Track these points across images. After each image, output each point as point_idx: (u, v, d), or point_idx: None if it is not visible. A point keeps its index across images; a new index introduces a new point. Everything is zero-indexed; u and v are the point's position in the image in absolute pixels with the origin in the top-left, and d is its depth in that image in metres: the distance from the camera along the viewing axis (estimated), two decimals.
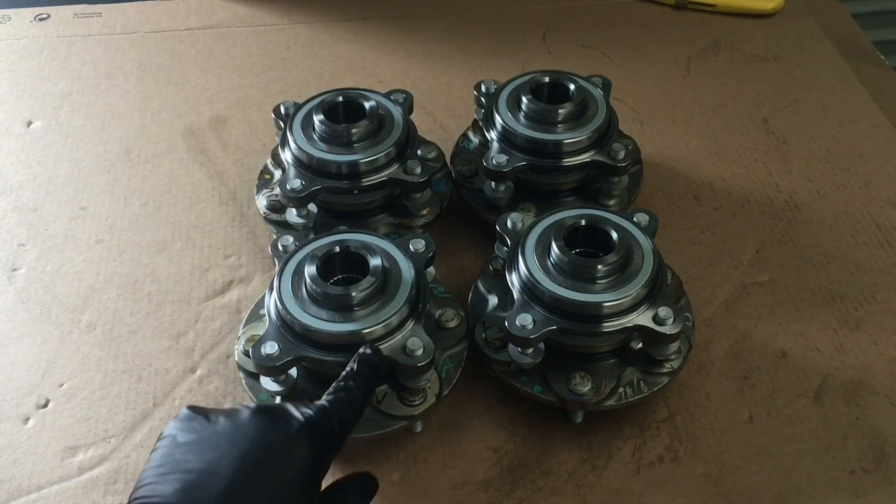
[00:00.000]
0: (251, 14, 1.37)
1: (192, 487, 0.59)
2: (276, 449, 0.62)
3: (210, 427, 0.64)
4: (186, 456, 0.61)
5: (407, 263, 0.82)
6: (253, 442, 0.62)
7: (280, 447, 0.63)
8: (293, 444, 0.63)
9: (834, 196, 1.09)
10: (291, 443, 0.63)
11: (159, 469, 0.61)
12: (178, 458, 0.61)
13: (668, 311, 0.79)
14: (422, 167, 0.95)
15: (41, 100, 1.22)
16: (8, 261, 1.01)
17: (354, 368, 0.72)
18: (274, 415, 0.65)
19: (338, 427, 0.67)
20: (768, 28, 1.35)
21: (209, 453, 0.61)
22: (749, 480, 0.81)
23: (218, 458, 0.61)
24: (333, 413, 0.67)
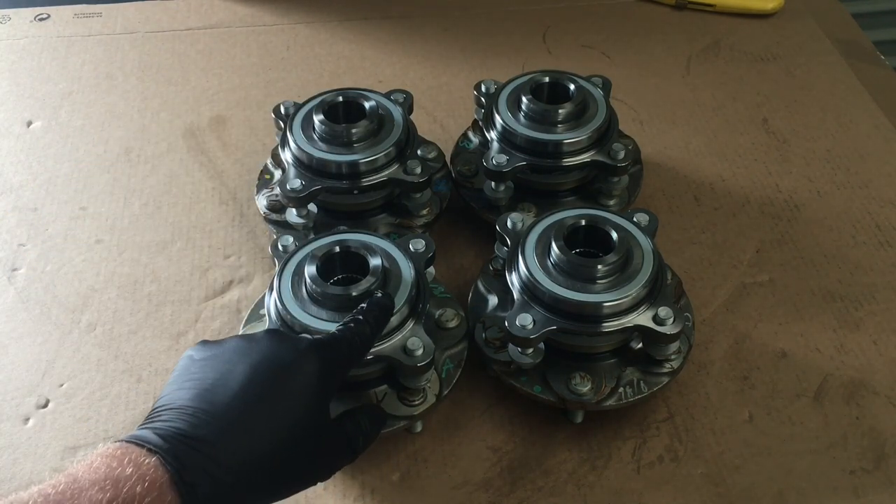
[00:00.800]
0: (251, 14, 1.37)
1: (207, 392, 0.63)
2: (285, 361, 0.66)
3: (223, 346, 0.68)
4: (203, 370, 0.65)
5: (407, 263, 0.82)
6: (264, 354, 0.66)
7: (290, 360, 0.66)
8: (302, 358, 0.67)
9: (834, 196, 1.09)
10: (300, 357, 0.67)
11: (176, 382, 0.65)
12: (194, 371, 0.65)
13: (668, 311, 0.79)
14: (422, 167, 0.95)
15: (41, 100, 1.22)
16: (8, 261, 1.01)
17: (365, 307, 0.75)
18: (284, 335, 0.70)
19: (346, 350, 0.71)
20: (768, 28, 1.35)
21: (223, 366, 0.65)
22: (749, 480, 0.81)
23: (231, 368, 0.65)
24: (343, 338, 0.71)
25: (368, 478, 0.82)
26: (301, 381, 0.66)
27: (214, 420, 0.61)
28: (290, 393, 0.65)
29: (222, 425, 0.61)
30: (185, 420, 0.61)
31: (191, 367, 0.66)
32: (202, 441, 0.60)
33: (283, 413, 0.64)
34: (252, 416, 0.63)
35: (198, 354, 0.67)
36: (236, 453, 0.61)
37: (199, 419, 0.61)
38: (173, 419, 0.61)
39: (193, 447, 0.60)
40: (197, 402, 0.62)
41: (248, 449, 0.62)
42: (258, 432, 0.62)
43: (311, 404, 0.66)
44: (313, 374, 0.67)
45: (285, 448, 0.64)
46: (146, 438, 0.60)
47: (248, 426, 0.62)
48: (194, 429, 0.61)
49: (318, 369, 0.67)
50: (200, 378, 0.64)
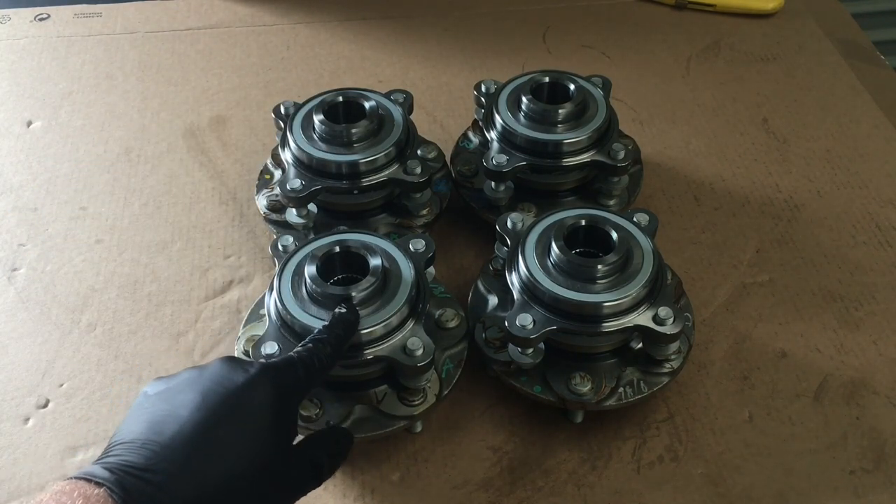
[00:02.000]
0: (251, 14, 1.37)
1: (156, 424, 0.62)
2: (235, 387, 0.65)
3: (176, 378, 0.67)
4: (154, 404, 0.65)
5: (407, 263, 0.82)
6: (213, 382, 0.65)
7: (240, 385, 0.65)
8: (253, 384, 0.65)
9: (834, 196, 1.09)
10: (251, 382, 0.65)
11: (129, 418, 0.65)
12: (147, 407, 0.65)
13: (668, 311, 0.79)
14: (422, 167, 0.95)
15: (41, 100, 1.22)
16: (8, 261, 1.01)
17: (327, 324, 0.74)
18: (235, 362, 0.68)
19: (303, 373, 0.69)
20: (768, 28, 1.35)
21: (174, 397, 0.65)
22: (749, 480, 0.81)
23: (181, 399, 0.64)
24: (298, 360, 0.70)
25: (368, 478, 0.82)
26: (254, 407, 0.64)
27: (163, 451, 0.60)
28: (242, 420, 0.64)
29: (171, 455, 0.60)
30: (133, 452, 0.60)
31: (144, 403, 0.65)
32: (150, 472, 0.59)
33: (235, 441, 0.63)
34: (202, 446, 0.61)
35: (151, 390, 0.66)
36: (186, 484, 0.60)
37: (147, 450, 0.60)
38: (123, 453, 0.61)
39: (141, 478, 0.59)
40: (146, 435, 0.61)
41: (199, 479, 0.60)
42: (209, 462, 0.61)
43: (266, 431, 0.64)
44: (266, 399, 0.65)
45: (240, 477, 0.62)
46: (95, 473, 0.59)
47: (198, 456, 0.61)
48: (143, 460, 0.60)
49: (270, 394, 0.65)
50: (151, 412, 0.63)
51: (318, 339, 0.72)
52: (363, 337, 0.77)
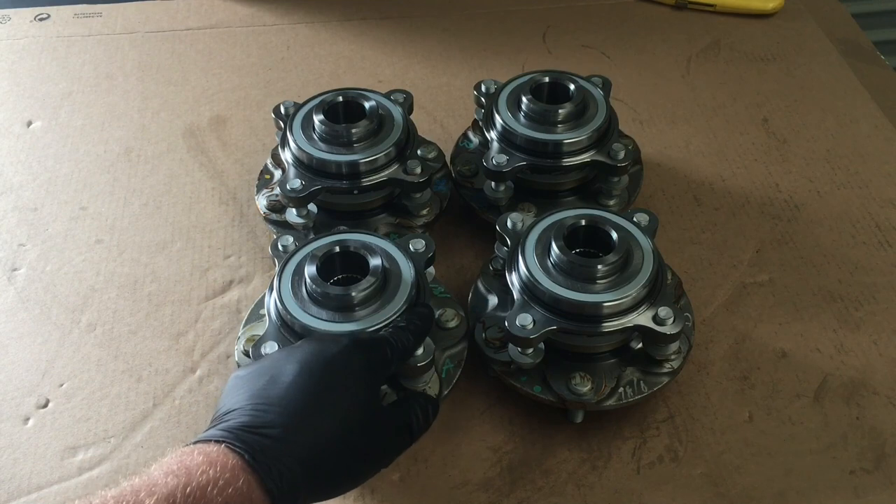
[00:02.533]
0: (251, 14, 1.37)
1: (261, 392, 0.65)
2: (330, 354, 0.68)
3: (266, 359, 0.70)
4: (251, 380, 0.67)
5: (407, 263, 0.82)
6: (308, 352, 0.68)
7: (335, 353, 0.68)
8: (347, 351, 0.69)
9: (834, 196, 1.09)
10: (345, 350, 0.69)
11: (228, 395, 0.67)
12: (243, 384, 0.67)
13: (668, 311, 0.79)
14: (422, 167, 0.95)
15: (41, 100, 1.22)
16: (8, 261, 1.01)
17: (407, 316, 0.77)
18: (324, 336, 0.72)
19: (387, 350, 0.72)
20: (768, 28, 1.35)
21: (270, 371, 0.67)
22: (749, 480, 0.81)
23: (279, 370, 0.67)
24: (384, 339, 0.73)
25: None
26: (350, 371, 0.68)
27: (274, 409, 0.63)
28: (341, 383, 0.67)
29: (282, 414, 0.63)
30: (245, 416, 0.63)
31: (238, 383, 0.67)
32: (267, 427, 0.62)
33: (338, 400, 0.66)
34: (309, 404, 0.64)
35: (242, 372, 0.69)
36: (301, 437, 0.62)
37: (258, 411, 0.63)
38: (233, 418, 0.63)
39: (259, 434, 0.61)
40: (254, 401, 0.64)
41: (312, 433, 0.63)
42: (318, 418, 0.64)
43: (363, 392, 0.68)
44: (360, 364, 0.69)
45: (346, 432, 0.65)
46: (211, 436, 0.61)
47: (307, 413, 0.64)
48: (256, 419, 0.62)
49: (363, 360, 0.69)
50: (251, 385, 0.66)
51: (399, 327, 0.75)
52: None
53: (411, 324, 0.76)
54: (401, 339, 0.74)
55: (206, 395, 0.88)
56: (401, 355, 0.74)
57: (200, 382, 0.89)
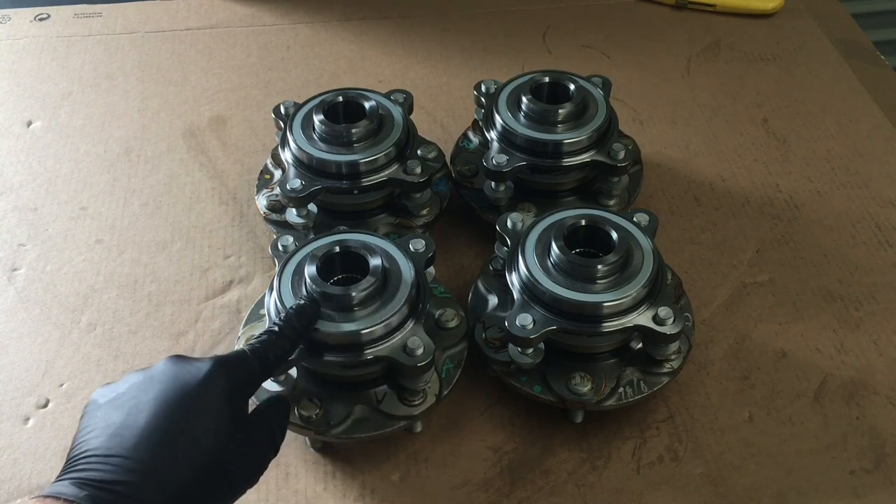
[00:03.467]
0: (251, 14, 1.37)
1: (116, 436, 0.62)
2: (189, 386, 0.65)
3: (125, 383, 0.67)
4: (107, 413, 0.64)
5: (407, 263, 0.82)
6: (166, 385, 0.65)
7: (194, 384, 0.65)
8: (206, 381, 0.66)
9: (834, 196, 1.09)
10: (204, 380, 0.66)
11: (85, 430, 0.64)
12: (100, 417, 0.64)
13: (668, 311, 0.79)
14: (422, 167, 0.95)
15: (41, 100, 1.22)
16: (8, 261, 1.01)
17: (284, 316, 0.75)
18: (184, 360, 0.68)
19: (256, 365, 0.70)
20: (768, 28, 1.35)
21: (127, 404, 0.64)
22: (749, 480, 0.81)
23: (135, 405, 0.64)
24: (253, 354, 0.70)
25: (368, 478, 0.82)
26: (209, 403, 0.65)
27: (128, 462, 0.61)
28: (199, 417, 0.64)
29: (137, 466, 0.60)
30: (99, 468, 0.60)
31: (97, 413, 0.65)
32: (121, 484, 0.60)
33: (194, 438, 0.63)
34: (163, 450, 0.62)
35: (102, 398, 0.66)
36: (154, 489, 0.60)
37: (113, 464, 0.60)
38: (88, 468, 0.61)
39: (111, 491, 0.59)
40: (108, 448, 0.61)
41: (166, 481, 0.61)
42: (173, 463, 0.62)
43: (223, 422, 0.65)
44: (220, 393, 0.66)
45: (204, 469, 0.63)
46: (64, 492, 0.59)
47: (162, 460, 0.61)
48: (110, 475, 0.60)
49: (225, 388, 0.66)
50: (107, 422, 0.63)
51: (273, 332, 0.73)
52: (363, 337, 0.77)
53: (289, 326, 0.73)
54: (272, 347, 0.72)
55: None
56: (274, 364, 0.72)
57: None
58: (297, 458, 0.83)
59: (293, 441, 0.84)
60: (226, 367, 0.67)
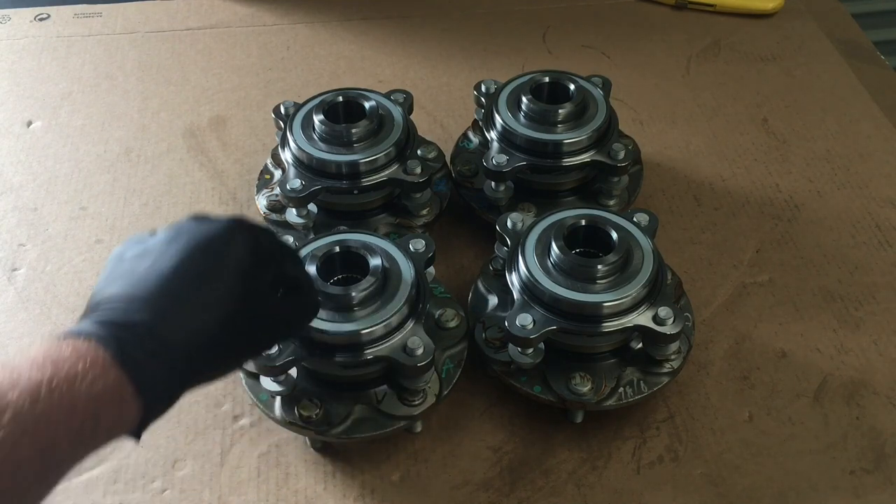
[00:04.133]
0: (251, 14, 1.37)
1: (139, 282, 0.62)
2: (214, 237, 0.66)
3: (152, 238, 0.66)
4: (132, 263, 0.64)
5: (407, 263, 0.82)
6: (191, 236, 0.65)
7: (218, 235, 0.66)
8: (231, 232, 0.66)
9: (834, 196, 1.09)
10: (229, 231, 0.66)
11: (106, 280, 0.64)
12: (124, 268, 0.64)
13: (668, 311, 0.79)
14: (422, 167, 0.95)
15: (41, 100, 1.22)
16: (8, 261, 1.01)
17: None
18: (208, 217, 0.69)
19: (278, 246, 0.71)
20: (768, 28, 1.35)
21: (152, 255, 0.64)
22: (749, 480, 0.81)
23: (159, 255, 0.64)
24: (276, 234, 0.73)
25: (368, 478, 0.82)
26: (233, 253, 0.65)
27: (149, 305, 0.60)
28: (222, 273, 0.64)
29: (157, 307, 0.60)
30: (122, 309, 0.60)
31: (120, 265, 0.65)
32: (139, 325, 0.59)
33: (218, 295, 0.63)
34: (186, 298, 0.62)
35: (128, 252, 0.65)
36: (179, 330, 0.60)
37: (133, 306, 0.60)
38: (108, 309, 0.60)
39: (132, 331, 0.58)
40: (131, 291, 0.61)
41: (191, 326, 0.61)
42: (194, 313, 0.61)
43: (243, 283, 0.65)
44: (244, 245, 0.66)
45: (222, 326, 0.63)
46: (86, 329, 0.58)
47: (184, 307, 0.61)
48: (129, 315, 0.59)
49: (248, 241, 0.66)
50: (130, 270, 0.63)
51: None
52: (363, 337, 0.77)
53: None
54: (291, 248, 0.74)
55: (206, 394, 0.88)
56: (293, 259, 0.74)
57: None
58: (297, 458, 0.83)
59: (293, 441, 0.84)
60: (248, 227, 0.68)
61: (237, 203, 1.07)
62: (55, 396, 0.53)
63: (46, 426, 0.52)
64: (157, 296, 0.61)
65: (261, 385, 0.81)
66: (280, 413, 0.80)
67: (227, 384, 0.89)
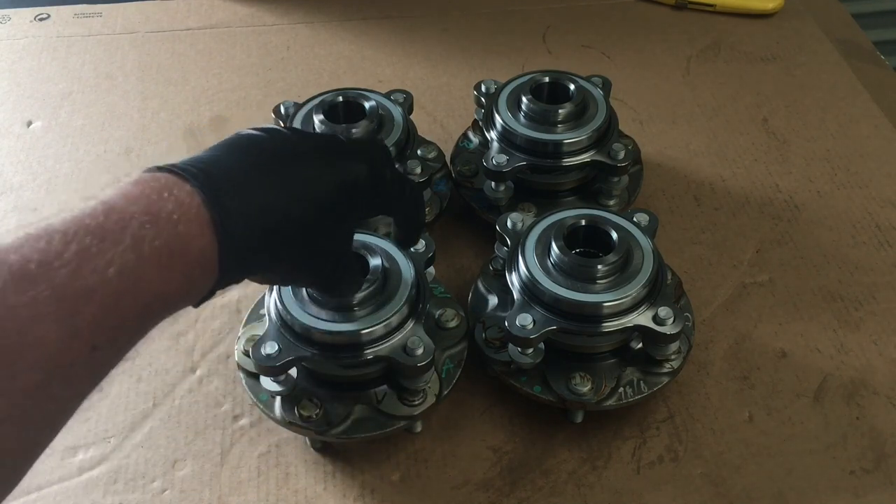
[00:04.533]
0: (251, 14, 1.37)
1: (255, 163, 0.63)
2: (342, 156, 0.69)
3: (285, 135, 0.68)
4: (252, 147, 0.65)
5: (407, 263, 0.82)
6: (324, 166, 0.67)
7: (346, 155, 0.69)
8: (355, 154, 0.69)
9: (834, 196, 1.09)
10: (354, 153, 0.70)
11: (227, 147, 0.65)
12: (245, 147, 0.66)
13: (668, 311, 0.79)
14: (422, 167, 0.95)
15: (41, 100, 1.22)
16: None
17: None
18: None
19: (395, 174, 0.73)
20: (768, 28, 1.35)
21: (279, 149, 0.66)
22: (749, 480, 0.81)
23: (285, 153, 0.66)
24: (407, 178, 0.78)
25: (368, 478, 0.82)
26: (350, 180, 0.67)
27: (252, 175, 0.62)
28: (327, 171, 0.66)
29: (262, 187, 0.62)
30: (226, 173, 0.61)
31: (240, 144, 0.66)
32: (240, 195, 0.60)
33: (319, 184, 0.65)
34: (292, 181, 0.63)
35: (257, 136, 0.67)
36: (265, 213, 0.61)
37: (239, 178, 0.61)
38: (214, 168, 0.61)
39: (229, 194, 0.59)
40: (243, 166, 0.62)
41: (280, 209, 0.62)
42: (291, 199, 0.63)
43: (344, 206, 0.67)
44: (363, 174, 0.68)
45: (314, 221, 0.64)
46: (184, 170, 0.59)
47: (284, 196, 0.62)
48: (234, 180, 0.60)
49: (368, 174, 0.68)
50: (250, 152, 0.65)
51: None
52: (363, 337, 0.77)
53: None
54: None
55: (206, 395, 0.88)
56: (410, 190, 0.76)
57: (200, 382, 0.89)
58: (297, 458, 0.83)
59: (293, 441, 0.84)
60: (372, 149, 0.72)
61: None
62: (155, 257, 0.54)
63: (148, 285, 0.54)
64: (268, 178, 0.62)
65: (261, 385, 0.81)
66: (280, 413, 0.80)
67: (227, 384, 0.89)
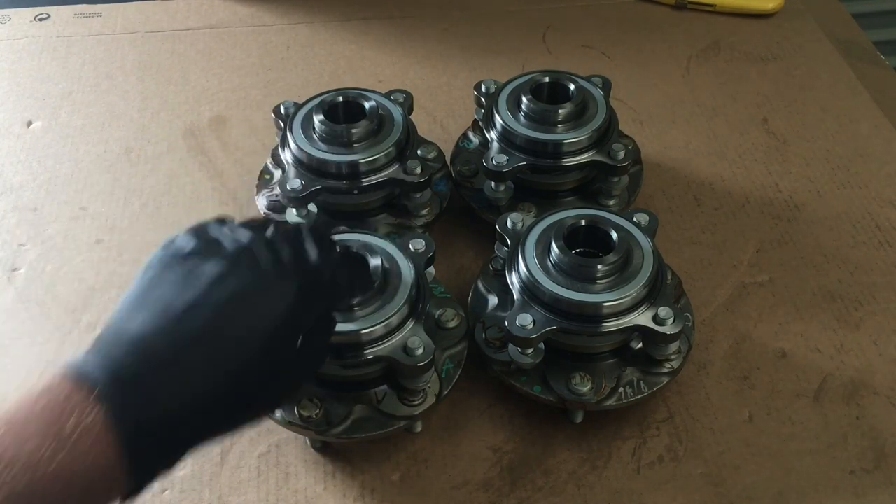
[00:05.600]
0: (251, 14, 1.37)
1: (166, 325, 0.59)
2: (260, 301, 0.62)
3: (202, 266, 0.63)
4: (168, 291, 0.61)
5: (407, 263, 0.82)
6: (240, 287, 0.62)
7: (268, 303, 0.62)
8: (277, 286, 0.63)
9: (834, 196, 1.09)
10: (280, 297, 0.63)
11: (135, 300, 0.61)
12: (157, 295, 0.62)
13: (668, 311, 0.79)
14: (422, 167, 0.95)
15: (41, 100, 1.22)
16: (8, 261, 1.01)
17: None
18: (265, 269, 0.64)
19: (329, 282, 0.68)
20: (768, 28, 1.35)
21: (192, 289, 0.61)
22: (749, 480, 0.81)
23: (202, 298, 0.61)
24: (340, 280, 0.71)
25: (368, 478, 0.82)
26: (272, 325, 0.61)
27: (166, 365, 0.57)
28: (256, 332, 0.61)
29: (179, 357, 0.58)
30: (133, 364, 0.57)
31: (155, 288, 0.61)
32: (148, 385, 0.56)
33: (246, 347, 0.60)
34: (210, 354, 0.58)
35: (168, 272, 0.62)
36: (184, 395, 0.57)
37: (149, 361, 0.57)
38: (121, 358, 0.58)
39: (139, 395, 0.56)
40: (151, 340, 0.58)
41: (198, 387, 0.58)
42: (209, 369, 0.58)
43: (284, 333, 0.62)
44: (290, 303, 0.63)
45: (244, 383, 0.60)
46: (89, 374, 0.57)
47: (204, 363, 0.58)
48: (143, 374, 0.57)
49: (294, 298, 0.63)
50: (162, 302, 0.60)
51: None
52: (363, 337, 0.77)
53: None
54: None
55: None
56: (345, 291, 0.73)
57: None
58: (297, 458, 0.83)
59: (293, 441, 0.84)
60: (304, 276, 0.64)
61: (237, 203, 1.07)
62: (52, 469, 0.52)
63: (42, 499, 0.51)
64: (179, 351, 0.58)
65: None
66: (280, 413, 0.80)
67: None
